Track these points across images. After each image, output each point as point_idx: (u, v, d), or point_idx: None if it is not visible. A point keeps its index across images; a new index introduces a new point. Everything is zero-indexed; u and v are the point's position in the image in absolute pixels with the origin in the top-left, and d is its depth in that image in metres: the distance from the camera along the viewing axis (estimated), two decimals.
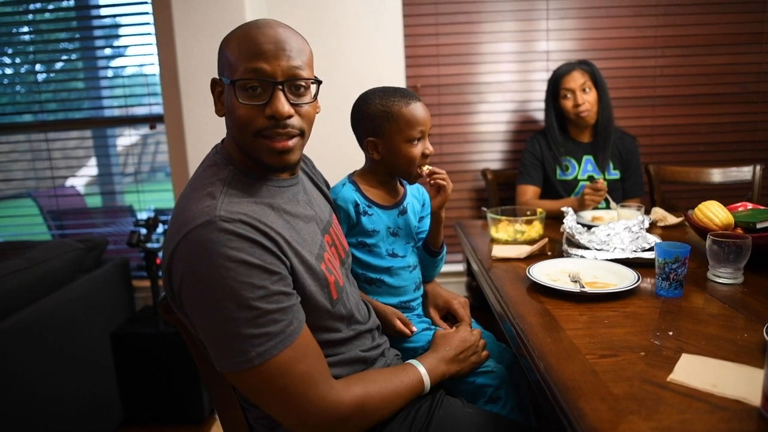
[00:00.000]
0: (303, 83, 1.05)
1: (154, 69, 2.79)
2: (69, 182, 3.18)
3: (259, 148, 1.04)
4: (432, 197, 1.55)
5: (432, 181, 1.52)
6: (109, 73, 3.05)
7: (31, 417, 1.94)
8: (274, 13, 2.61)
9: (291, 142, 1.05)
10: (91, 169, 3.19)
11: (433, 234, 1.60)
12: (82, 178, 3.22)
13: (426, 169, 1.51)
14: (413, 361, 1.24)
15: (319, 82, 1.09)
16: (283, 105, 1.01)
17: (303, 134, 1.08)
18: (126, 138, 3.14)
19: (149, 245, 2.53)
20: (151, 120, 2.82)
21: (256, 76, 1.00)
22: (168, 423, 2.57)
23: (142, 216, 2.72)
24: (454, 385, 1.41)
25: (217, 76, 1.09)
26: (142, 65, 2.87)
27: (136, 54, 2.85)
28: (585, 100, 2.40)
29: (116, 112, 2.98)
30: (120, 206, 3.11)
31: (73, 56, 2.99)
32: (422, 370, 1.22)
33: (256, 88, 1.01)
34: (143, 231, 2.56)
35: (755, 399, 0.87)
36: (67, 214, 3.13)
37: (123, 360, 2.50)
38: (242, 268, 0.91)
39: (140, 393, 2.53)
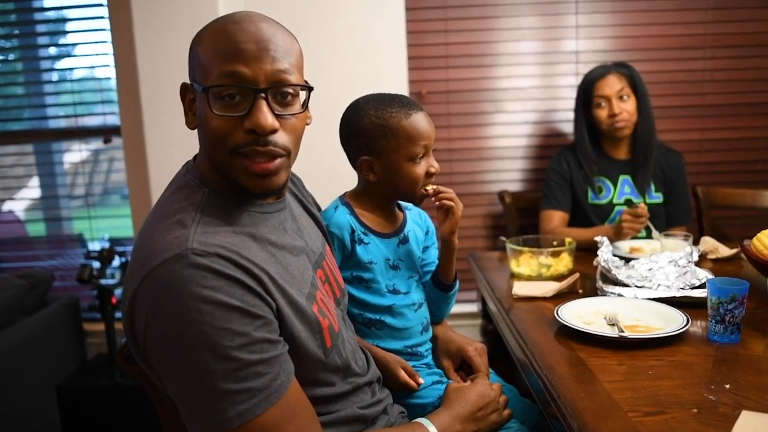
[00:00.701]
0: (290, 90, 1.04)
1: (110, 72, 2.82)
2: (6, 206, 3.19)
3: (236, 168, 1.03)
4: (440, 222, 1.56)
5: (437, 203, 1.53)
6: (55, 76, 3.08)
7: None
8: (252, 6, 2.65)
9: (274, 164, 1.03)
10: (32, 190, 3.20)
11: (445, 265, 1.61)
12: (21, 202, 3.23)
13: (431, 188, 1.53)
14: (422, 420, 1.23)
15: (309, 89, 1.09)
16: (266, 117, 0.99)
17: (289, 153, 1.06)
18: (75, 154, 3.16)
19: (103, 281, 2.53)
20: (106, 132, 2.84)
21: (234, 81, 0.99)
22: None
23: (95, 247, 2.73)
24: None
25: (188, 81, 1.09)
26: (93, 67, 2.90)
27: (88, 54, 2.87)
28: (622, 109, 2.42)
29: (63, 123, 3.01)
30: (68, 235, 3.12)
31: (11, 56, 3.01)
32: (433, 430, 1.21)
33: (233, 96, 1.00)
34: (96, 264, 2.57)
35: None
36: (5, 244, 3.14)
37: (71, 418, 2.48)
38: (219, 312, 0.90)
39: None
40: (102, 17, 2.77)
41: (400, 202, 1.66)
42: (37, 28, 2.95)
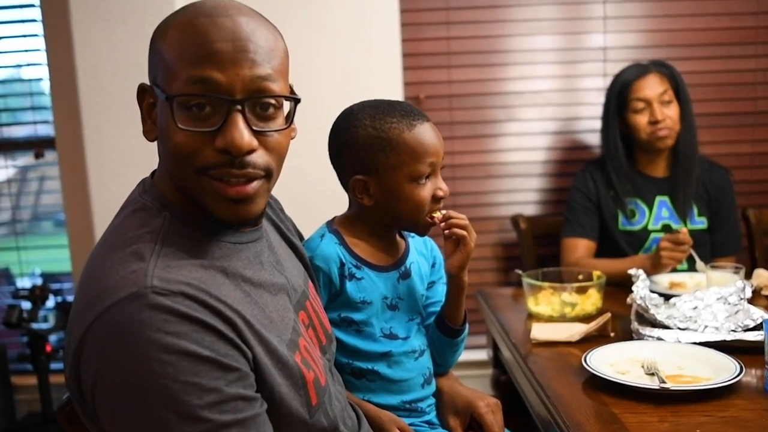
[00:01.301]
0: (273, 101, 1.02)
1: (41, 72, 2.82)
2: None
3: (203, 191, 1.00)
4: (447, 254, 1.56)
5: (447, 231, 1.53)
6: None
7: None
8: None
9: (251, 187, 1.01)
10: None
11: (452, 305, 1.61)
12: None
13: (439, 214, 1.53)
14: None
15: (296, 101, 1.07)
16: (242, 134, 0.97)
17: (270, 175, 1.04)
18: None
19: (35, 326, 2.52)
20: (37, 145, 2.83)
21: (204, 89, 0.96)
22: None
23: (24, 284, 2.73)
24: None
25: (148, 82, 1.07)
26: (19, 66, 2.90)
27: (14, 50, 2.87)
28: (666, 115, 2.44)
29: None
30: None
31: None
32: None
33: (203, 106, 0.97)
34: (26, 305, 2.56)
35: None
36: None
37: None
38: (185, 363, 0.89)
39: None
40: (32, 5, 2.77)
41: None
42: None
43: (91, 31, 2.42)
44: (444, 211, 1.52)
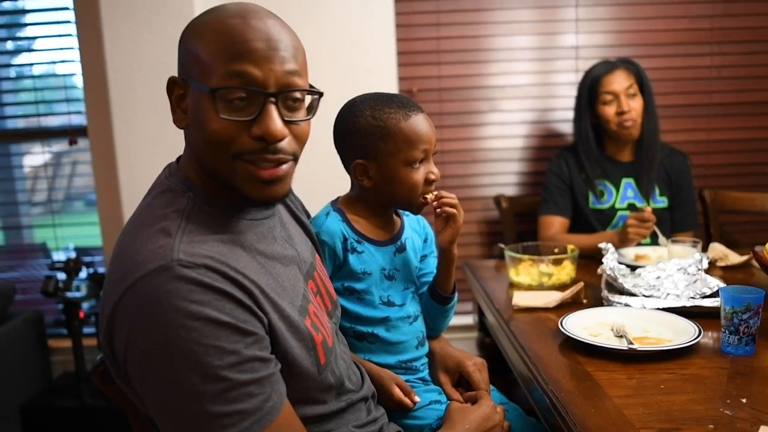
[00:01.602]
0: (299, 95, 1.03)
1: (75, 68, 2.80)
2: None
3: (237, 174, 1.01)
4: (438, 230, 1.56)
5: (439, 209, 1.53)
6: (12, 72, 3.05)
7: None
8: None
9: (282, 170, 1.03)
10: None
11: (443, 276, 1.61)
12: None
13: (431, 195, 1.52)
14: None
15: (320, 94, 1.07)
16: (276, 124, 0.98)
17: (296, 159, 1.07)
18: (34, 157, 3.13)
19: (70, 294, 2.51)
20: (71, 133, 2.82)
21: (242, 83, 0.97)
22: None
23: (59, 257, 2.72)
24: None
25: (177, 75, 1.06)
26: (56, 62, 2.88)
27: (50, 48, 2.85)
28: (632, 107, 2.44)
29: (20, 123, 2.98)
30: (29, 244, 3.09)
31: None
32: None
33: (242, 98, 0.98)
34: (61, 276, 2.55)
35: None
36: None
37: None
38: (208, 328, 0.90)
39: None
40: (66, 8, 2.74)
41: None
42: None
43: (120, 32, 2.40)
44: (436, 192, 1.52)
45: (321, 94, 1.07)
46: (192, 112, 1.02)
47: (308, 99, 1.08)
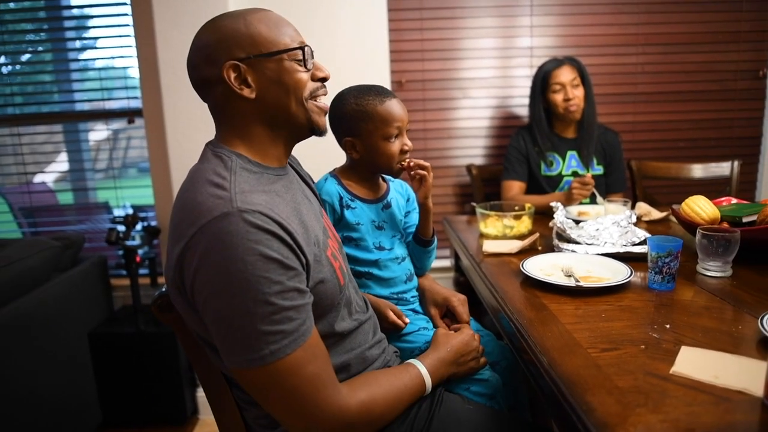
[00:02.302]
0: None
1: (131, 62, 2.74)
2: (38, 178, 3.10)
3: (311, 110, 1.10)
4: (415, 189, 1.57)
5: (413, 173, 1.53)
6: (80, 65, 2.98)
7: (8, 418, 1.90)
8: (254, 6, 2.59)
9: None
10: (61, 164, 3.12)
11: (423, 224, 1.61)
12: (51, 174, 3.14)
13: (407, 162, 1.53)
14: (414, 362, 1.23)
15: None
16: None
17: None
18: (98, 133, 3.07)
19: (128, 243, 2.48)
20: (129, 114, 2.77)
21: (301, 46, 1.08)
22: (148, 424, 2.53)
23: (120, 213, 2.68)
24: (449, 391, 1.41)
25: (231, 62, 1.04)
26: (113, 57, 2.81)
27: (111, 46, 2.78)
28: (575, 95, 2.43)
29: (86, 106, 2.92)
30: (94, 203, 3.04)
31: (40, 48, 2.92)
32: (424, 371, 1.21)
33: (301, 60, 1.08)
34: (121, 228, 2.52)
35: (757, 390, 0.89)
36: (40, 211, 3.06)
37: (101, 360, 2.46)
38: (261, 262, 0.90)
39: (119, 394, 2.49)
40: (125, 15, 2.67)
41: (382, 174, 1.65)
42: (66, 23, 2.86)
43: (169, 33, 2.35)
44: (413, 160, 1.53)
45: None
46: (265, 79, 1.06)
47: None
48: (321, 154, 1.98)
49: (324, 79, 1.13)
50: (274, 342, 0.91)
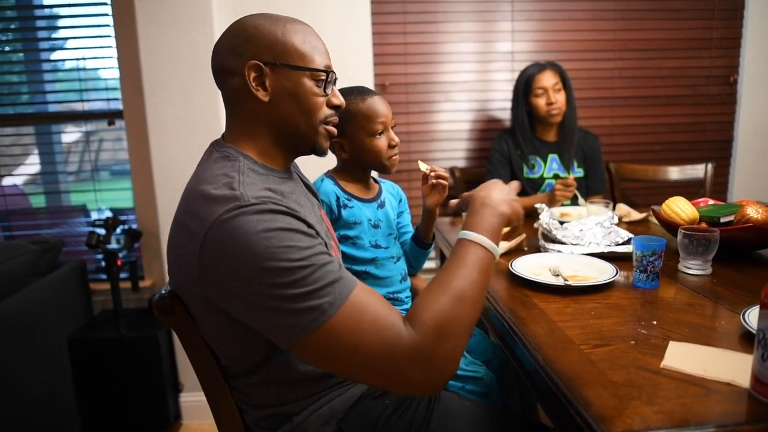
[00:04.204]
0: None
1: (111, 62, 2.72)
2: (7, 181, 3.05)
3: (320, 134, 1.14)
4: (428, 194, 1.61)
5: (434, 181, 1.57)
6: (63, 66, 2.93)
7: None
8: (240, 9, 2.58)
9: None
10: (32, 167, 3.07)
11: (427, 228, 1.66)
12: (21, 177, 3.09)
13: (427, 168, 1.56)
14: (463, 234, 1.12)
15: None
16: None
17: None
18: (71, 135, 3.02)
19: (109, 246, 2.47)
20: (109, 115, 2.74)
21: (327, 70, 1.12)
22: (130, 430, 2.51)
23: (97, 216, 2.65)
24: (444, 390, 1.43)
25: (255, 62, 1.06)
26: (96, 58, 2.78)
27: (90, 46, 2.75)
28: (557, 99, 2.48)
29: (58, 107, 2.88)
30: (71, 206, 3.00)
31: (17, 46, 2.87)
32: (474, 236, 1.09)
33: (323, 81, 1.12)
34: (101, 231, 2.50)
35: (744, 381, 0.94)
36: (14, 214, 3.01)
37: (81, 366, 2.43)
38: (282, 234, 0.91)
39: (100, 400, 2.47)
40: (106, 14, 2.64)
41: (374, 177, 1.67)
42: (37, 23, 2.82)
43: (152, 34, 2.34)
44: (435, 169, 1.59)
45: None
46: (282, 88, 1.09)
47: None
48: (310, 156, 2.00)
49: (338, 108, 1.17)
50: (328, 294, 0.91)
